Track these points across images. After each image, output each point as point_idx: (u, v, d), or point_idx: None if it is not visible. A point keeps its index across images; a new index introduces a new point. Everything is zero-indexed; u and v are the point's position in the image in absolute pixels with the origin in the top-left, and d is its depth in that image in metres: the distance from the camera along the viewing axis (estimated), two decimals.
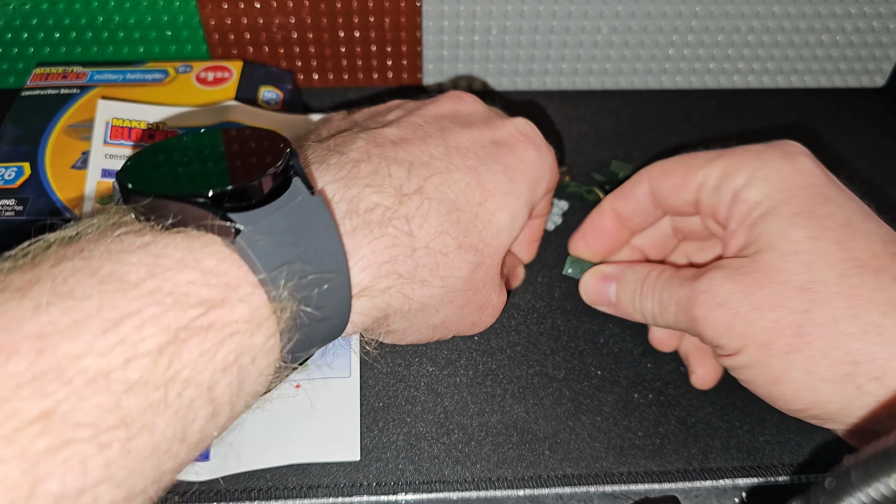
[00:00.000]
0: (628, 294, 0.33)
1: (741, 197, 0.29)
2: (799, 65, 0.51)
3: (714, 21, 0.48)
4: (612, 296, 0.34)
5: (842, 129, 0.49)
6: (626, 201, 0.34)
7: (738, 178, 0.30)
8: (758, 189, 0.29)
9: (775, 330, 0.27)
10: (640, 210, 0.34)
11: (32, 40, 0.47)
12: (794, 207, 0.28)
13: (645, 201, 0.34)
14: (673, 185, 0.32)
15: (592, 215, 0.36)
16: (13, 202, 0.38)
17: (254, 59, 0.48)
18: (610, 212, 0.35)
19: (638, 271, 0.33)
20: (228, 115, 0.41)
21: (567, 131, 0.48)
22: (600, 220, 0.35)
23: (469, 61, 0.49)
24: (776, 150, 0.30)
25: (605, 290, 0.34)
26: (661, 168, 0.33)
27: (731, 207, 0.30)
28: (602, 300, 0.35)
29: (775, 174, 0.29)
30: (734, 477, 0.33)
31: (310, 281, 0.23)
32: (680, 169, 0.32)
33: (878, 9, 0.48)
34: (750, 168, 0.30)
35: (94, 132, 0.40)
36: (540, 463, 0.33)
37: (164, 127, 0.41)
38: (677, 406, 0.35)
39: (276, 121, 0.42)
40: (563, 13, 0.47)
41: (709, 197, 0.31)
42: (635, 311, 0.33)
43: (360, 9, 0.46)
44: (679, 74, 0.51)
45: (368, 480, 0.32)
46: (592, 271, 0.35)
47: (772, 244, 0.28)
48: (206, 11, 0.46)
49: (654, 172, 0.33)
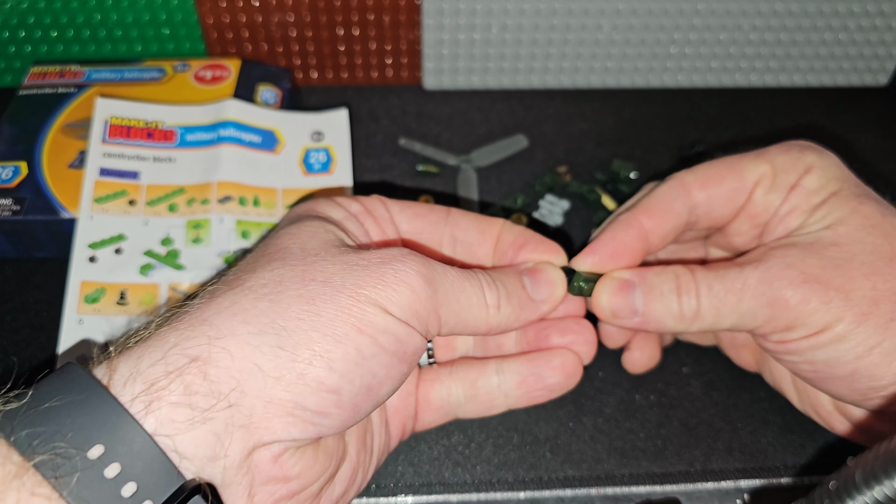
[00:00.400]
0: (662, 297, 0.29)
1: (800, 184, 0.29)
2: (802, 63, 0.50)
3: (716, 19, 0.48)
4: (637, 304, 0.29)
5: (845, 128, 0.49)
6: (662, 219, 0.30)
7: (795, 172, 0.30)
8: (816, 178, 0.29)
9: (874, 299, 0.26)
10: (673, 227, 0.30)
11: (29, 39, 0.47)
12: (854, 191, 0.29)
13: (682, 217, 0.30)
14: (726, 192, 0.30)
15: (613, 230, 0.30)
16: (10, 201, 0.38)
17: (252, 58, 0.48)
18: (639, 229, 0.30)
19: (665, 272, 0.29)
20: (226, 113, 0.41)
21: (568, 130, 0.48)
22: (626, 237, 0.30)
23: (469, 60, 0.48)
24: (814, 148, 0.31)
25: (629, 299, 0.29)
26: (704, 177, 0.30)
27: (788, 196, 0.30)
28: (626, 311, 0.29)
29: (828, 165, 0.30)
30: (737, 479, 0.32)
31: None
32: (730, 174, 0.30)
33: (882, 7, 0.47)
34: (805, 161, 0.30)
35: (93, 130, 0.40)
36: (541, 465, 0.33)
37: (162, 125, 0.41)
38: (679, 408, 0.35)
39: (272, 118, 0.42)
40: (564, 11, 0.46)
41: (764, 196, 0.30)
42: (670, 315, 0.29)
43: (359, 7, 0.46)
44: (681, 73, 0.50)
45: (368, 482, 0.32)
46: (607, 281, 0.29)
47: (845, 219, 0.28)
48: (204, 9, 0.46)
49: (697, 182, 0.30)
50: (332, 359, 0.23)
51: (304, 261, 0.26)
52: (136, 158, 0.39)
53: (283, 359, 0.23)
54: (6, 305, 0.38)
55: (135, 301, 0.36)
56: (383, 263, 0.25)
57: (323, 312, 0.24)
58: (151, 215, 0.38)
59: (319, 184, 0.40)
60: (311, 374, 0.23)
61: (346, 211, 0.30)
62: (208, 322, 0.23)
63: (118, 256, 0.37)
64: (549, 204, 0.43)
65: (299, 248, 0.26)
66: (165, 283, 0.36)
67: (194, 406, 0.22)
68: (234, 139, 0.40)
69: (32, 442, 0.20)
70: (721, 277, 0.28)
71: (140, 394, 0.22)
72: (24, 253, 0.40)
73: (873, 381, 0.27)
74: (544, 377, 0.30)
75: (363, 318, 0.24)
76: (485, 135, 0.47)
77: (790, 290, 0.27)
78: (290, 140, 0.42)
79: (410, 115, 0.48)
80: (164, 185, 0.39)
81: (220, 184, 0.39)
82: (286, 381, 0.23)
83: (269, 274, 0.25)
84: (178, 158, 0.40)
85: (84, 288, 0.36)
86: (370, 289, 0.24)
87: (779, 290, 0.27)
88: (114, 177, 0.39)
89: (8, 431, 0.20)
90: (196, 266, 0.37)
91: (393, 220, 0.31)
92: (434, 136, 0.47)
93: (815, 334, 0.27)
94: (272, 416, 0.23)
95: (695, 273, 0.29)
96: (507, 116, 0.48)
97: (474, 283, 0.27)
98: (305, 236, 0.27)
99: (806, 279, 0.27)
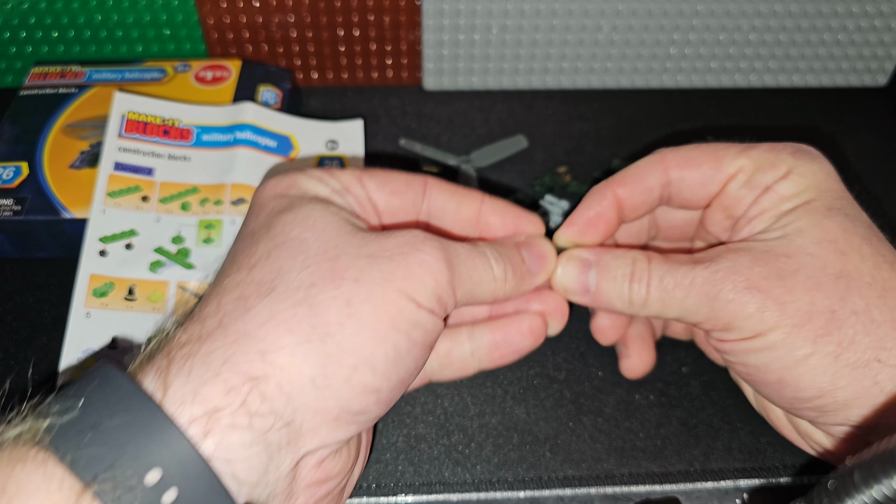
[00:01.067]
0: (614, 281, 0.30)
1: (774, 189, 0.29)
2: (801, 64, 0.50)
3: (716, 20, 0.48)
4: (590, 284, 0.30)
5: (844, 129, 0.49)
6: (634, 189, 0.31)
7: (773, 173, 0.30)
8: (793, 184, 0.29)
9: (809, 313, 0.27)
10: (645, 200, 0.32)
11: (30, 39, 0.47)
12: (827, 203, 0.29)
13: (655, 191, 0.31)
14: (700, 177, 0.31)
15: (589, 201, 0.32)
16: (11, 202, 0.38)
17: (252, 58, 0.48)
18: (612, 198, 0.31)
19: (623, 257, 0.30)
20: (244, 116, 0.41)
21: (568, 130, 0.48)
22: (600, 207, 0.31)
23: (469, 60, 0.48)
24: (805, 153, 0.30)
25: (583, 277, 0.30)
26: (685, 157, 0.31)
27: (759, 198, 0.30)
28: (579, 288, 0.31)
29: (810, 173, 0.29)
30: (736, 478, 0.32)
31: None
32: (709, 160, 0.31)
33: (881, 8, 0.47)
34: (786, 165, 0.30)
35: (109, 124, 0.40)
36: (541, 464, 0.33)
37: (179, 124, 0.41)
38: (679, 407, 0.35)
39: (289, 124, 0.42)
40: (564, 12, 0.46)
41: (737, 189, 0.30)
42: (620, 299, 0.30)
43: (359, 7, 0.46)
44: (680, 73, 0.50)
45: (368, 482, 0.32)
46: (566, 258, 0.31)
47: (804, 231, 0.28)
48: (205, 10, 0.46)
49: (676, 161, 0.31)
50: (374, 361, 0.24)
51: (327, 255, 0.25)
52: (152, 155, 0.40)
53: (331, 367, 0.23)
54: (7, 305, 0.38)
55: (143, 297, 0.36)
56: (405, 253, 0.26)
57: (362, 314, 0.24)
58: (164, 213, 0.38)
59: None
60: (356, 379, 0.23)
61: (329, 188, 0.29)
62: (253, 336, 0.23)
63: (129, 252, 0.37)
64: (549, 204, 0.43)
65: (316, 238, 0.26)
66: (174, 281, 0.36)
67: (254, 428, 0.22)
68: (251, 142, 0.40)
69: (91, 465, 0.19)
70: (673, 271, 0.29)
71: (200, 416, 0.21)
72: (25, 253, 0.40)
73: (798, 392, 0.27)
74: (515, 342, 0.32)
75: (399, 315, 0.24)
76: (485, 135, 0.47)
77: (731, 294, 0.27)
78: (305, 147, 0.42)
79: (410, 116, 0.48)
80: (177, 184, 0.39)
81: (234, 186, 0.39)
82: (334, 389, 0.23)
83: (298, 275, 0.25)
84: (193, 158, 0.40)
85: (93, 281, 0.36)
86: (400, 282, 0.25)
87: (720, 293, 0.28)
88: (128, 172, 0.39)
89: (63, 452, 0.20)
90: (206, 266, 0.37)
91: (370, 198, 0.30)
92: (434, 136, 0.47)
93: (748, 339, 0.28)
94: (319, 424, 0.23)
95: (650, 262, 0.29)
96: (507, 117, 0.48)
97: (483, 259, 0.28)
98: (319, 225, 0.27)
99: (748, 286, 0.27)
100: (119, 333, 0.35)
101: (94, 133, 0.41)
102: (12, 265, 0.40)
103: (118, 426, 0.20)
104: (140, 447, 0.20)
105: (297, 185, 0.29)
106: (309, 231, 0.26)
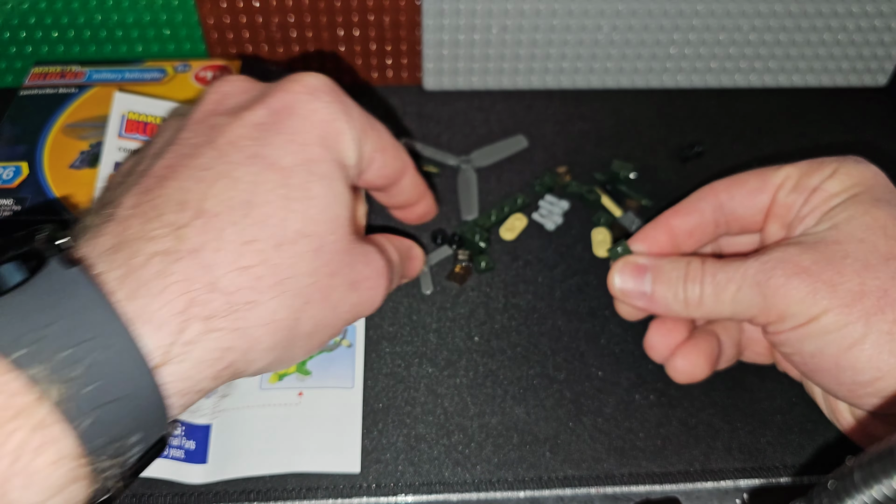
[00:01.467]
0: (670, 283, 0.31)
1: (822, 187, 0.30)
2: (801, 64, 0.50)
3: (716, 20, 0.48)
4: (646, 287, 0.32)
5: (844, 129, 0.49)
6: (687, 216, 0.33)
7: (819, 174, 0.31)
8: (839, 182, 0.30)
9: (860, 293, 0.27)
10: (699, 227, 0.33)
11: (30, 39, 0.47)
12: (874, 195, 0.30)
13: (708, 217, 0.33)
14: (748, 192, 0.32)
15: (646, 228, 0.34)
16: (11, 202, 0.38)
17: (252, 58, 0.48)
18: (665, 225, 0.33)
19: (678, 261, 0.32)
20: None
21: (568, 130, 0.48)
22: (653, 233, 0.33)
23: (469, 60, 0.48)
24: (851, 158, 0.31)
25: (640, 280, 0.32)
26: (731, 180, 0.33)
27: (809, 198, 0.31)
28: (636, 292, 0.32)
29: (856, 171, 0.31)
30: (736, 478, 0.32)
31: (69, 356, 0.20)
32: (754, 177, 0.32)
33: (881, 7, 0.47)
34: (832, 166, 0.31)
35: (109, 124, 0.40)
36: (541, 464, 0.33)
37: None
38: (679, 407, 0.35)
39: None
40: (564, 12, 0.46)
41: (786, 196, 0.31)
42: (675, 300, 0.31)
43: (359, 7, 0.46)
44: (680, 73, 0.50)
45: (368, 482, 0.32)
46: (625, 261, 0.33)
47: (853, 219, 0.29)
48: (205, 10, 0.46)
49: (723, 185, 0.33)
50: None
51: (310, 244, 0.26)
52: None
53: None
54: None
55: None
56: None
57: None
58: None
59: None
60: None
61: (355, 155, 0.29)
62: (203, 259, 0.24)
63: None
64: (549, 204, 0.43)
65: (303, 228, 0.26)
66: None
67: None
68: None
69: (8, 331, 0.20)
70: (724, 267, 0.30)
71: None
72: None
73: (856, 376, 0.27)
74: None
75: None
76: (485, 135, 0.47)
77: (782, 279, 0.28)
78: None
79: (410, 116, 0.48)
80: None
81: None
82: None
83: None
84: None
85: None
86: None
87: (771, 279, 0.28)
88: None
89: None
90: None
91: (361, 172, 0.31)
92: (434, 136, 0.47)
93: (803, 325, 0.28)
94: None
95: (704, 263, 0.31)
96: (507, 117, 0.48)
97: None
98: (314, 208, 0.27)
99: (797, 272, 0.28)
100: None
101: (94, 133, 0.41)
102: None
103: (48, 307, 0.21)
104: (65, 317, 0.21)
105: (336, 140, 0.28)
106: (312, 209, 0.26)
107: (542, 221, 0.43)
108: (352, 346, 0.35)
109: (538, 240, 0.42)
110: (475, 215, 0.42)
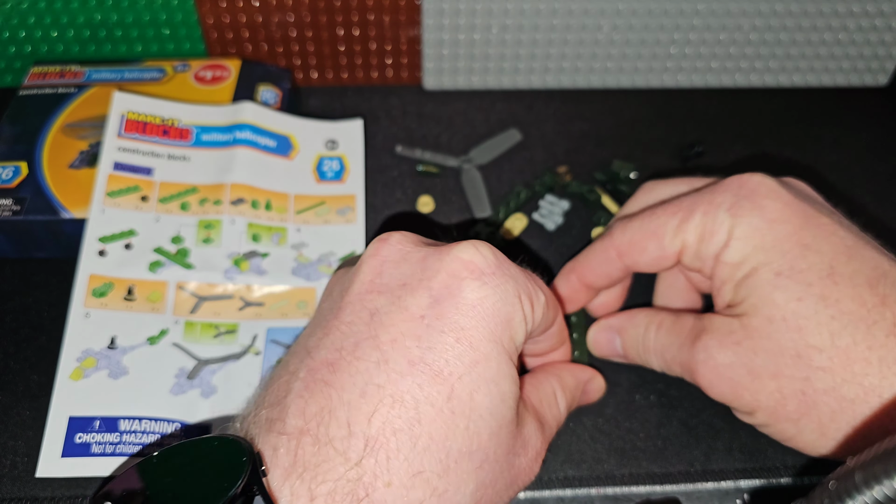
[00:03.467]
0: (633, 348, 0.34)
1: (721, 259, 0.30)
2: (801, 63, 0.50)
3: (716, 19, 0.48)
4: (619, 348, 0.35)
5: (844, 129, 0.49)
6: (595, 274, 0.34)
7: (714, 242, 0.30)
8: (736, 250, 0.30)
9: (780, 399, 0.28)
10: (612, 280, 0.35)
11: (30, 38, 0.47)
12: (774, 267, 0.28)
13: (617, 274, 0.34)
14: (652, 259, 0.32)
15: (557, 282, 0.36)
16: (10, 202, 0.38)
17: (252, 58, 0.48)
18: (574, 282, 0.35)
19: (637, 325, 0.34)
20: (243, 116, 0.41)
21: (568, 130, 0.48)
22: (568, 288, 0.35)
23: (469, 60, 0.48)
24: (744, 201, 0.30)
25: (613, 343, 0.35)
26: (629, 243, 0.33)
27: (714, 268, 0.31)
28: (612, 353, 0.35)
29: (750, 232, 0.29)
30: (737, 479, 0.32)
31: None
32: (651, 241, 0.32)
33: (882, 7, 0.47)
34: (725, 229, 0.30)
35: (108, 124, 0.40)
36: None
37: (178, 123, 0.41)
38: (679, 408, 0.35)
39: (288, 124, 0.42)
40: (564, 11, 0.46)
41: (691, 261, 0.32)
42: (643, 363, 0.34)
43: (359, 7, 0.46)
44: (681, 73, 0.50)
45: None
46: (598, 325, 0.36)
47: (757, 309, 0.29)
48: (204, 9, 0.46)
49: (623, 249, 0.33)
50: None
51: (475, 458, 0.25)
52: (151, 155, 0.40)
53: None
54: (6, 306, 0.38)
55: (142, 297, 0.36)
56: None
57: None
58: (163, 212, 0.38)
59: (331, 192, 0.41)
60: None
61: (521, 338, 0.27)
62: None
63: (128, 252, 0.37)
64: (549, 204, 0.43)
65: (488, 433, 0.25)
66: (174, 281, 0.36)
67: None
68: (250, 142, 0.40)
69: None
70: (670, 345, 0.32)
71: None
72: (24, 253, 0.40)
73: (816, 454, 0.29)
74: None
75: None
76: (485, 135, 0.47)
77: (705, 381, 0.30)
78: (305, 146, 0.42)
79: (410, 116, 0.48)
80: (177, 183, 0.39)
81: (233, 185, 0.39)
82: None
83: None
84: (193, 157, 0.40)
85: (92, 281, 0.36)
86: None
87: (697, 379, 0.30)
88: (127, 172, 0.39)
89: None
90: (205, 266, 0.37)
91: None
92: (434, 136, 0.47)
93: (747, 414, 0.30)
94: None
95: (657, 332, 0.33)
96: (508, 117, 0.48)
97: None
98: (495, 414, 0.25)
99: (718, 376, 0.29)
100: (118, 333, 0.35)
101: (93, 133, 0.41)
102: (11, 265, 0.40)
103: None
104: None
105: (507, 322, 0.26)
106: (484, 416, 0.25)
107: (542, 221, 0.42)
108: None
109: (538, 240, 0.42)
110: (488, 213, 0.42)
